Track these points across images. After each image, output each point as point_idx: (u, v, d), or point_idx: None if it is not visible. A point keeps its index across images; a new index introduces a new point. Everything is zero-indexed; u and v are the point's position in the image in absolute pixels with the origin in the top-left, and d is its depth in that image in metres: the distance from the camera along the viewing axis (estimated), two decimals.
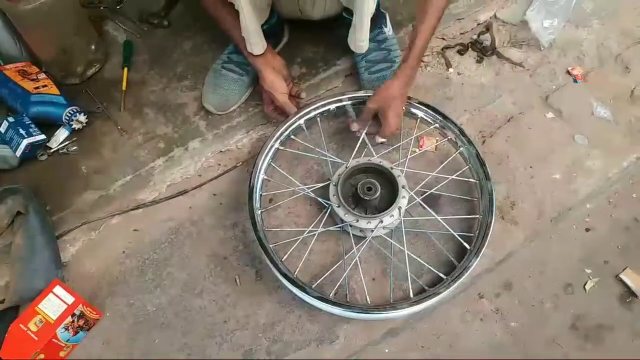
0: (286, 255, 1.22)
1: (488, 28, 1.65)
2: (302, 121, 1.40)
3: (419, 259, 1.23)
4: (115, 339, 1.19)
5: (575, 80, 1.55)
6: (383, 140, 1.33)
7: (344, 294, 1.20)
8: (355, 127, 1.35)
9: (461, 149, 1.35)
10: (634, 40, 1.64)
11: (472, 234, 1.25)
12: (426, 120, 1.39)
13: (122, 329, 1.20)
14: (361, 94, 1.40)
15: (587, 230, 1.31)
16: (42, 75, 1.50)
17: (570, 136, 1.44)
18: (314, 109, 1.41)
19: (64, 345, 1.13)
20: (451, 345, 1.16)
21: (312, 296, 1.14)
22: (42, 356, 1.09)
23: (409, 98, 1.37)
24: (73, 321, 1.13)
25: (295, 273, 1.20)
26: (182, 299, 1.23)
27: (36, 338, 1.09)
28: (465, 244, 1.24)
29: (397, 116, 1.29)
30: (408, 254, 1.21)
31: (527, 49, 1.63)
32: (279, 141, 1.37)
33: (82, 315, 1.15)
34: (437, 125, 1.38)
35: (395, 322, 1.18)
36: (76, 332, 1.15)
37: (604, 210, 1.34)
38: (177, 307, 1.22)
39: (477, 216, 1.27)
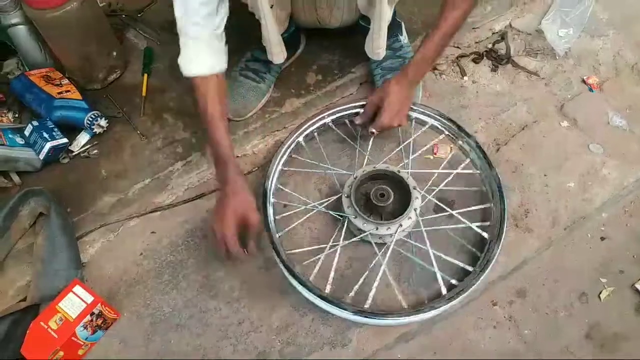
0: (313, 275, 1.21)
1: (503, 37, 1.67)
2: (301, 138, 1.41)
3: (444, 256, 1.23)
4: (132, 339, 1.21)
5: (590, 90, 1.55)
6: (373, 130, 1.33)
7: (375, 302, 1.18)
8: (358, 120, 1.39)
9: (459, 142, 1.35)
10: None
11: (488, 223, 1.27)
12: (420, 119, 1.41)
13: (139, 329, 1.22)
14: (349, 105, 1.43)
15: (603, 239, 1.30)
16: (65, 81, 1.55)
17: (585, 145, 1.44)
18: (311, 125, 1.41)
19: (82, 343, 1.16)
20: (464, 352, 1.16)
21: (349, 311, 1.14)
22: (61, 353, 1.12)
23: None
24: (92, 320, 1.16)
25: (326, 289, 1.20)
26: (198, 300, 1.25)
27: (56, 336, 1.11)
28: (484, 234, 1.25)
29: (394, 112, 1.31)
30: (434, 253, 1.21)
31: (542, 58, 1.64)
32: (281, 162, 1.38)
33: (100, 315, 1.17)
34: (433, 123, 1.39)
35: (408, 327, 1.19)
36: (94, 331, 1.17)
37: (620, 219, 1.33)
38: (192, 309, 1.24)
39: (490, 205, 1.28)
